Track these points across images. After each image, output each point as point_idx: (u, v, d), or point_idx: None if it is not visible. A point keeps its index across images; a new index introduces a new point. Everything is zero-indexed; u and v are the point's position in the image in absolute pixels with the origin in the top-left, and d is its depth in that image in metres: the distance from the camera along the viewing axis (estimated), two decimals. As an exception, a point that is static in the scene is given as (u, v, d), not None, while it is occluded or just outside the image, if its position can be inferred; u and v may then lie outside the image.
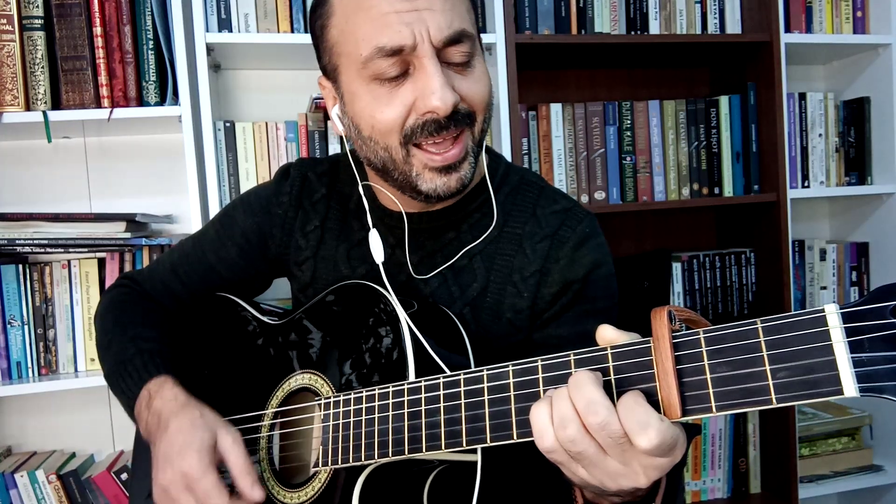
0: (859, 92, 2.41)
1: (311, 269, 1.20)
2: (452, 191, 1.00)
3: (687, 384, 0.64)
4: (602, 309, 1.10)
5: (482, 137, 1.03)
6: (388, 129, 0.97)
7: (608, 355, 0.69)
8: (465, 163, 1.00)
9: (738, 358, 0.61)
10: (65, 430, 2.08)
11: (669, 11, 2.18)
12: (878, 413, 2.42)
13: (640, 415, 0.64)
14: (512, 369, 0.76)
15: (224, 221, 1.27)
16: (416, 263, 1.13)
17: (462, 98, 0.97)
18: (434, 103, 0.93)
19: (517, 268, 1.09)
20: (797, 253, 2.43)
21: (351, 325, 1.01)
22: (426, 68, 0.93)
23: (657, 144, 2.20)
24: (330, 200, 1.21)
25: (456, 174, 0.99)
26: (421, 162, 0.98)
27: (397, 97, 0.95)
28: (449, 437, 0.81)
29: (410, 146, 0.98)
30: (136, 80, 1.80)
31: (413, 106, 0.95)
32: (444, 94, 0.92)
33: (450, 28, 0.93)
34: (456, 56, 0.96)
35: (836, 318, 0.56)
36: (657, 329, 0.65)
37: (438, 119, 0.94)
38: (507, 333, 1.10)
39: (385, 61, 0.93)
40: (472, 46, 0.97)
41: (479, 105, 1.00)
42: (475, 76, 0.99)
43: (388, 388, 0.88)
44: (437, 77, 0.93)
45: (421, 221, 1.12)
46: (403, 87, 0.95)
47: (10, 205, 2.01)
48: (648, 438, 0.63)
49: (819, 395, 0.57)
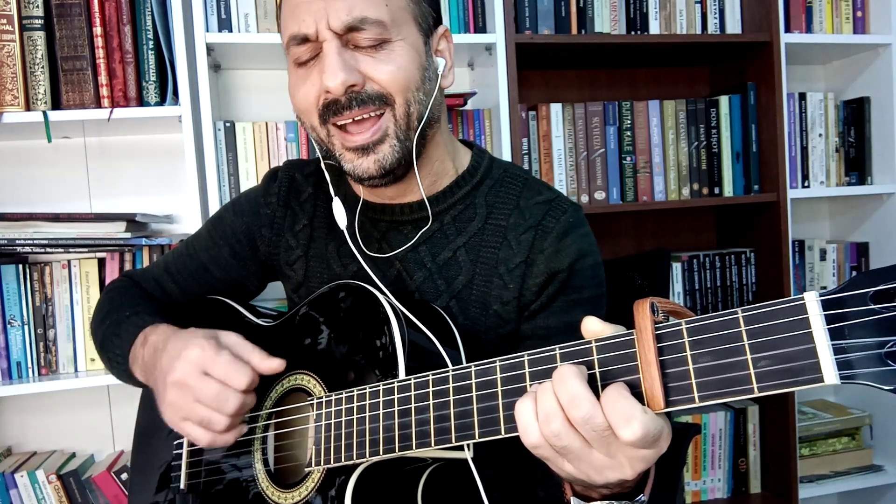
0: (859, 92, 2.41)
1: (303, 268, 1.21)
2: (372, 172, 1.03)
3: (670, 375, 0.64)
4: (589, 298, 1.10)
5: (411, 122, 1.04)
6: (305, 108, 1.04)
7: (593, 348, 0.69)
8: (384, 145, 1.02)
9: (720, 348, 0.61)
10: (65, 430, 2.08)
11: (669, 11, 2.18)
12: (878, 413, 2.41)
13: (624, 407, 0.64)
14: (499, 364, 0.77)
15: (216, 223, 1.29)
16: (400, 257, 1.14)
17: (369, 78, 1.00)
18: (325, 83, 0.98)
19: (502, 259, 1.10)
20: (797, 253, 2.42)
21: (341, 324, 1.02)
22: (324, 49, 0.99)
23: (657, 144, 2.19)
24: (317, 200, 1.23)
25: (373, 155, 1.02)
26: (339, 142, 1.04)
27: (308, 79, 1.02)
28: (438, 434, 0.81)
29: (330, 126, 1.03)
30: (136, 80, 1.81)
31: (320, 87, 1.00)
32: (332, 73, 0.97)
33: (349, 15, 0.97)
34: (362, 41, 0.99)
35: (815, 305, 0.57)
36: (640, 321, 0.65)
37: (337, 98, 0.99)
38: (495, 325, 1.10)
39: (299, 48, 1.01)
40: (382, 32, 0.99)
41: (393, 85, 1.01)
42: (388, 58, 1.01)
43: (379, 387, 0.89)
44: (329, 58, 0.98)
45: (403, 213, 1.13)
46: (314, 69, 1.01)
47: (10, 205, 2.01)
48: (632, 430, 0.63)
49: (800, 383, 0.57)
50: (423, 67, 1.04)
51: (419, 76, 1.03)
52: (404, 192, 1.12)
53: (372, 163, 1.02)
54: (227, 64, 2.09)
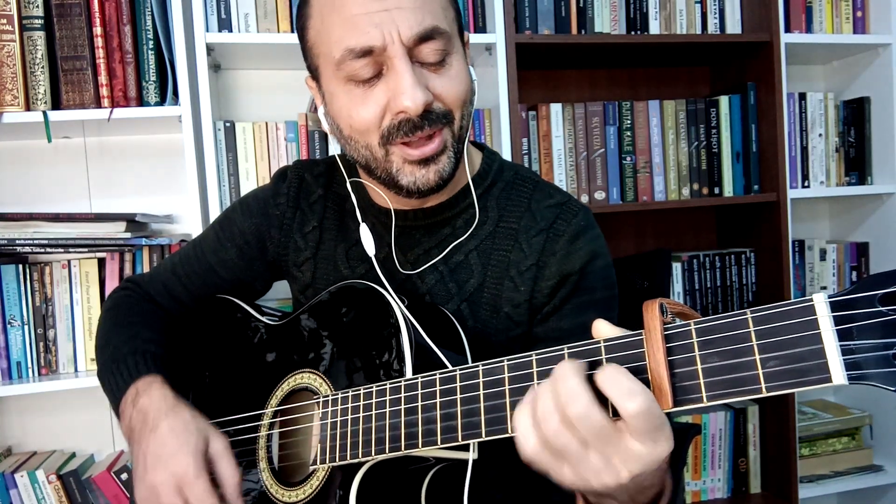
0: (859, 92, 2.41)
1: (311, 269, 1.21)
2: (431, 184, 1.01)
3: (678, 375, 0.64)
4: (602, 299, 1.10)
5: (462, 134, 1.03)
6: (365, 129, 0.98)
7: (601, 348, 0.69)
8: (444, 156, 1.01)
9: (729, 348, 0.62)
10: (65, 430, 2.08)
11: (669, 11, 2.18)
12: (879, 413, 2.42)
13: (625, 382, 0.64)
14: (507, 364, 0.77)
15: (223, 224, 1.28)
16: (412, 261, 1.13)
17: (437, 97, 0.97)
18: (405, 103, 0.93)
19: (514, 262, 1.09)
20: (797, 253, 2.42)
21: (348, 323, 1.02)
22: (396, 68, 0.94)
23: (657, 144, 2.20)
24: (327, 201, 1.22)
25: (434, 167, 1.00)
26: (399, 157, 0.99)
27: (371, 98, 0.96)
28: (445, 433, 0.81)
29: (389, 145, 0.99)
30: (136, 80, 1.80)
31: (387, 106, 0.96)
32: (414, 93, 0.93)
33: (420, 25, 0.93)
34: (430, 55, 0.96)
35: (824, 306, 0.57)
36: (649, 321, 0.65)
37: (412, 119, 0.95)
38: (506, 328, 1.10)
39: (356, 63, 0.95)
40: (446, 44, 0.97)
41: (455, 104, 1.00)
42: (451, 74, 0.99)
43: (386, 385, 0.89)
44: (407, 77, 0.93)
45: (416, 218, 1.13)
46: (377, 87, 0.96)
47: (10, 205, 2.01)
48: (637, 403, 0.62)
49: (808, 383, 0.57)
50: (470, 80, 1.04)
51: (470, 89, 1.03)
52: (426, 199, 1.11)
53: (433, 174, 1.00)
54: (227, 64, 2.09)
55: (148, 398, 1.03)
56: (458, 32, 1.03)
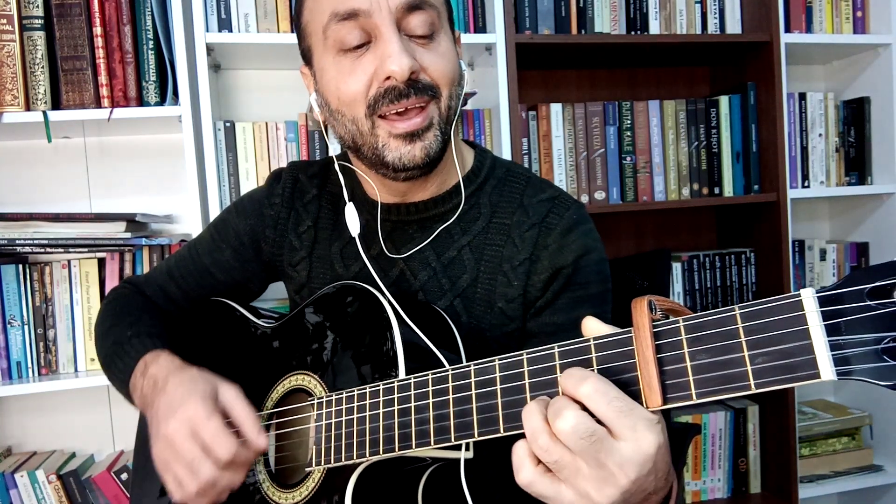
0: (859, 92, 2.41)
1: (306, 269, 1.21)
2: (417, 161, 1.00)
3: (668, 372, 0.64)
4: (595, 294, 1.10)
5: (451, 116, 1.04)
6: (352, 99, 0.99)
7: (591, 346, 0.69)
8: (430, 133, 1.00)
9: (717, 345, 0.62)
10: (65, 430, 2.08)
11: (669, 11, 2.18)
12: (878, 413, 2.41)
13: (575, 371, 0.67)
14: (498, 363, 0.77)
15: (219, 226, 1.28)
16: (405, 256, 1.14)
17: (423, 69, 0.98)
18: (391, 67, 0.94)
19: (507, 257, 1.10)
20: (797, 253, 2.42)
21: (342, 324, 1.02)
22: (384, 35, 0.96)
23: (657, 144, 2.20)
24: (321, 201, 1.22)
25: (420, 143, 1.00)
26: (385, 131, 1.00)
27: (359, 67, 0.98)
28: (438, 434, 0.81)
29: (375, 117, 0.99)
30: (136, 80, 1.81)
31: (374, 75, 0.97)
32: (400, 58, 0.94)
33: None
34: (418, 27, 0.98)
35: (812, 302, 0.57)
36: (637, 318, 0.65)
37: (398, 86, 0.96)
38: (501, 323, 1.10)
39: (342, 27, 0.97)
40: (435, 19, 0.99)
41: (442, 79, 1.00)
42: (439, 51, 1.00)
43: (379, 387, 0.89)
44: (394, 42, 0.95)
45: (409, 213, 1.13)
46: (365, 57, 0.98)
47: (10, 205, 2.02)
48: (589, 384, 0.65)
49: (797, 379, 0.57)
50: (458, 64, 1.05)
51: (458, 72, 1.04)
52: (415, 190, 1.12)
53: (419, 150, 1.00)
54: (227, 64, 2.09)
55: (156, 366, 1.05)
56: (447, 17, 1.05)
